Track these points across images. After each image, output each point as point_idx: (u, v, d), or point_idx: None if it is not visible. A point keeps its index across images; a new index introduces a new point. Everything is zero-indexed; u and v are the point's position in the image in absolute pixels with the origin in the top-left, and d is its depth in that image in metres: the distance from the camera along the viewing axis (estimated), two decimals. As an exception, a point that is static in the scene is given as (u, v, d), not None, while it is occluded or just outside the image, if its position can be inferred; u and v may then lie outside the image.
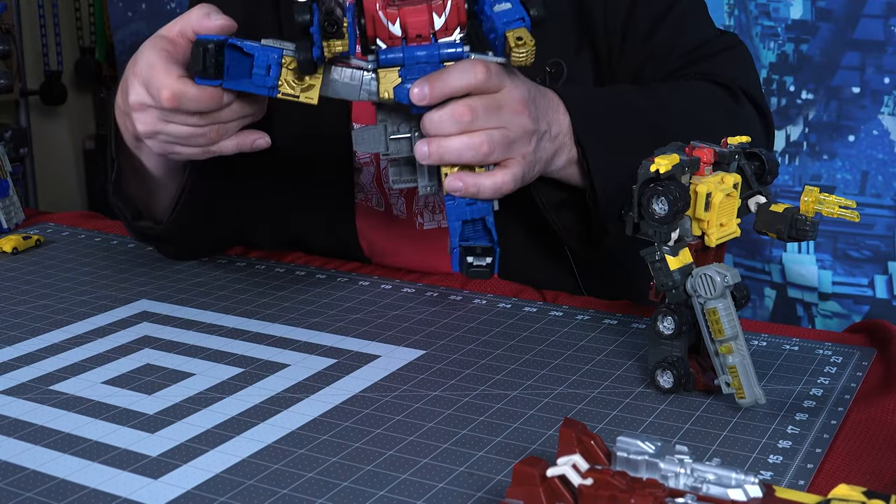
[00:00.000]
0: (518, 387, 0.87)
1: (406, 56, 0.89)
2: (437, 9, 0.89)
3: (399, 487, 0.71)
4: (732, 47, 1.19)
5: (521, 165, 0.93)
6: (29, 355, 0.95)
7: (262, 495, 0.70)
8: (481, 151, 0.89)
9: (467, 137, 0.89)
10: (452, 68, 0.89)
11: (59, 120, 3.46)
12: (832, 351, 0.93)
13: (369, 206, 1.20)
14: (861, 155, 1.66)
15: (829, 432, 0.77)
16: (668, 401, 0.83)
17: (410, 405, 0.84)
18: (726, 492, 0.58)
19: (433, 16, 0.89)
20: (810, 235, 0.82)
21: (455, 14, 0.89)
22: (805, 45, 1.68)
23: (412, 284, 1.13)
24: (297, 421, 0.81)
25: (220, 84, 0.92)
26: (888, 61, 1.62)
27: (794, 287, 1.75)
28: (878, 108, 1.64)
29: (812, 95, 1.69)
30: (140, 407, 0.84)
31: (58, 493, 0.71)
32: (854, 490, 0.56)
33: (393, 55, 0.89)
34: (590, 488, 0.57)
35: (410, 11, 0.89)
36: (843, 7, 1.64)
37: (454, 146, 0.89)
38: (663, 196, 0.79)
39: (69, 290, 1.14)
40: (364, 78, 0.91)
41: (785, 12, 1.69)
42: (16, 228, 1.41)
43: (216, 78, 0.91)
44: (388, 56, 0.89)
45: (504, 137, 0.91)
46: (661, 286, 0.82)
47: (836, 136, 1.68)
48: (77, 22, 3.42)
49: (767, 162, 0.85)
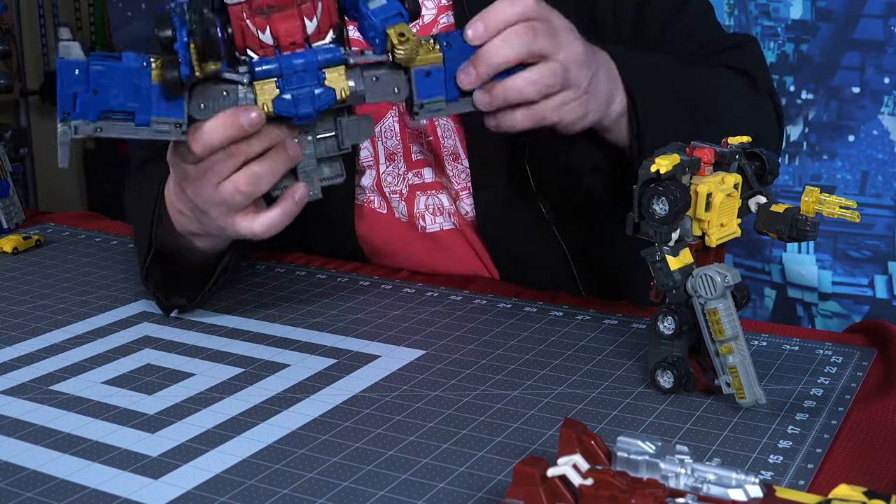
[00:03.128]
0: (518, 387, 0.87)
1: (283, 65, 0.84)
2: (307, 12, 0.84)
3: (399, 487, 0.71)
4: (745, 44, 1.19)
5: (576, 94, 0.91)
6: (29, 355, 0.95)
7: (262, 495, 0.70)
8: (544, 83, 0.88)
9: (528, 73, 0.87)
10: (499, 2, 0.87)
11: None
12: (832, 351, 0.93)
13: (371, 209, 1.20)
14: (861, 155, 1.66)
15: (830, 432, 0.77)
16: (669, 401, 0.83)
17: (411, 405, 0.84)
18: (727, 492, 0.58)
19: (304, 20, 0.84)
20: (811, 236, 0.82)
21: (326, 16, 0.85)
22: (805, 45, 1.68)
23: (412, 284, 1.13)
24: (298, 421, 0.81)
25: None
26: (888, 61, 1.62)
27: (794, 287, 1.75)
28: (878, 108, 1.64)
29: (812, 95, 1.69)
30: (140, 407, 0.84)
31: (58, 494, 0.71)
32: (854, 490, 0.56)
33: (268, 66, 0.84)
34: (590, 488, 0.57)
35: (281, 18, 0.84)
36: (843, 7, 1.64)
37: (516, 84, 0.87)
38: (664, 196, 0.79)
39: (69, 290, 1.14)
40: (239, 92, 0.85)
41: (785, 12, 1.69)
42: (16, 228, 1.41)
43: None
44: (263, 67, 0.84)
45: (563, 68, 0.89)
46: (661, 286, 0.82)
47: (836, 136, 1.68)
48: (77, 22, 3.42)
49: (768, 162, 0.85)
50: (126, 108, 0.84)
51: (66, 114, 0.83)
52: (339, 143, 0.90)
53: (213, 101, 0.85)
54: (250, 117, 0.84)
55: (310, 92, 0.85)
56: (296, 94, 0.85)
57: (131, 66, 0.83)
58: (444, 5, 1.13)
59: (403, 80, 0.87)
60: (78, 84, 0.82)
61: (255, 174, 0.88)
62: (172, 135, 0.85)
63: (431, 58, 0.87)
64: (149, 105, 0.84)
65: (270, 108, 0.85)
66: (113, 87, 0.83)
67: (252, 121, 0.85)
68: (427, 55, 0.87)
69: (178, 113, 0.84)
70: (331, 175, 0.92)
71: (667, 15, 1.15)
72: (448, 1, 1.12)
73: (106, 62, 0.83)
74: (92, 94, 0.83)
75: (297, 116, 0.86)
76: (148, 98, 0.84)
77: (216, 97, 0.85)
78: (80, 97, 0.83)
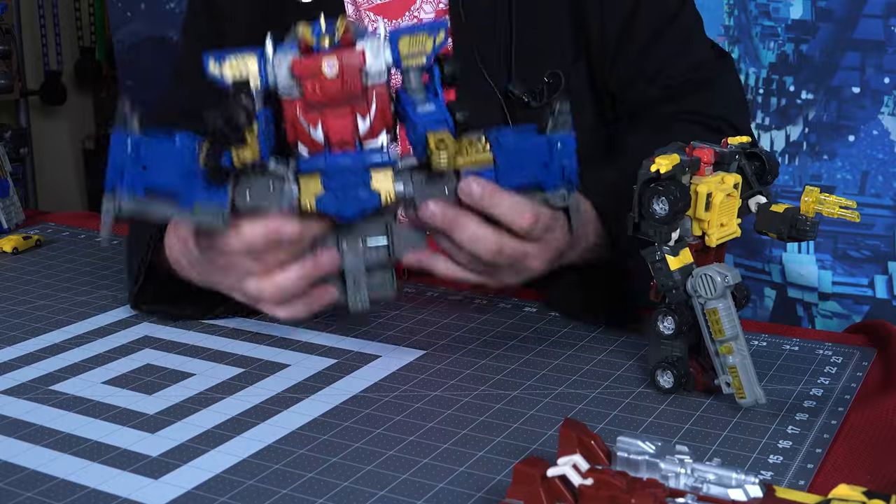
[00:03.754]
0: (518, 387, 0.87)
1: (328, 164, 0.83)
2: (360, 111, 0.82)
3: (399, 487, 0.71)
4: (722, 73, 1.16)
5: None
6: (29, 355, 0.95)
7: (262, 495, 0.70)
8: (474, 274, 0.88)
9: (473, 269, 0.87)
10: (507, 198, 0.84)
11: (59, 120, 3.46)
12: (832, 351, 0.93)
13: None
14: (861, 155, 1.66)
15: (830, 432, 0.77)
16: (669, 401, 0.83)
17: (411, 405, 0.84)
18: (727, 492, 0.58)
19: (357, 119, 0.83)
20: (810, 236, 0.82)
21: (381, 116, 0.83)
22: (805, 45, 1.68)
23: (412, 284, 1.13)
24: (298, 421, 0.81)
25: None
26: (888, 61, 1.62)
27: (794, 287, 1.74)
28: (878, 108, 1.63)
29: (812, 95, 1.69)
30: (140, 407, 0.84)
31: (58, 494, 0.71)
32: (854, 490, 0.56)
33: (314, 163, 0.83)
34: (590, 488, 0.57)
35: (333, 115, 0.82)
36: (843, 7, 1.64)
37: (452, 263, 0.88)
38: (664, 196, 0.79)
39: (69, 290, 1.14)
40: (284, 187, 0.84)
41: (785, 12, 1.69)
42: (16, 228, 1.41)
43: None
44: (309, 164, 0.83)
45: (506, 274, 0.89)
46: (661, 286, 0.82)
47: (836, 136, 1.68)
48: (77, 22, 3.43)
49: (768, 162, 0.85)
50: (172, 187, 0.82)
51: (114, 186, 0.82)
52: (390, 252, 0.88)
53: (258, 193, 0.84)
54: (291, 232, 0.83)
55: (354, 193, 0.84)
56: (340, 194, 0.84)
57: (181, 146, 0.82)
58: (441, 10, 1.13)
59: (453, 182, 0.85)
60: (128, 158, 0.81)
61: (281, 289, 0.87)
62: (215, 221, 0.83)
63: (481, 158, 0.84)
64: (194, 188, 0.82)
65: (313, 204, 0.84)
66: (161, 165, 0.81)
67: (291, 237, 0.84)
68: (476, 156, 0.84)
69: (222, 200, 0.83)
70: (380, 286, 0.89)
71: (657, 27, 1.13)
72: (446, 6, 1.13)
73: (157, 140, 0.82)
74: (141, 169, 0.81)
75: (340, 216, 0.85)
76: (194, 181, 0.82)
77: (261, 188, 0.84)
78: (128, 171, 0.81)
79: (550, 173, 0.84)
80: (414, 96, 0.85)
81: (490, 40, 1.11)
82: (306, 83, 0.81)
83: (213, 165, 0.79)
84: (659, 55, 1.13)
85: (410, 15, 1.14)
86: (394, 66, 0.83)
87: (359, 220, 0.86)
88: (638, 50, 1.13)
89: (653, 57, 1.13)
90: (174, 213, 0.83)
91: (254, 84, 0.82)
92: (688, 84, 1.13)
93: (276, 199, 0.84)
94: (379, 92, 0.83)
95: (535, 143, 0.84)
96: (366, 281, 0.88)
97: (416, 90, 0.85)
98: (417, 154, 0.84)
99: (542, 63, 1.10)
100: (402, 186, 0.85)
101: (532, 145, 0.84)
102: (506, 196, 0.84)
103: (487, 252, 0.85)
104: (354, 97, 0.82)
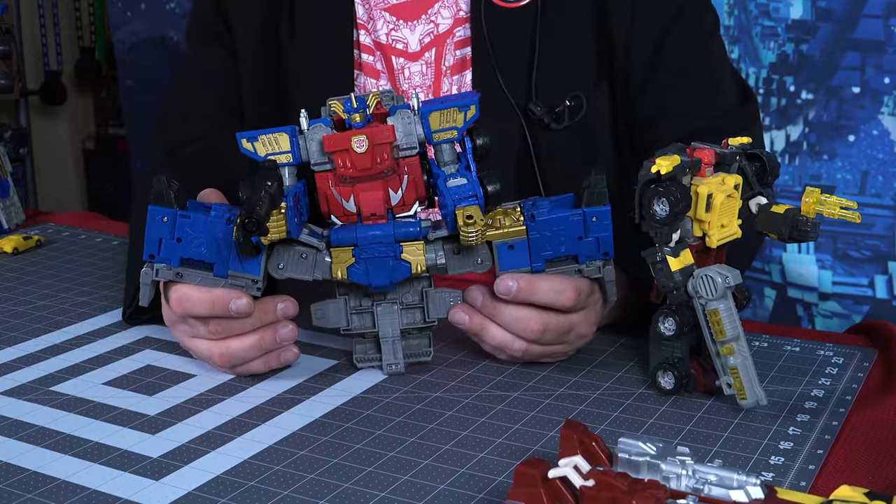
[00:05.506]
0: (519, 388, 0.87)
1: (359, 236, 0.85)
2: (392, 185, 0.85)
3: (400, 489, 0.71)
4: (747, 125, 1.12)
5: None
6: (29, 356, 0.95)
7: (263, 496, 0.70)
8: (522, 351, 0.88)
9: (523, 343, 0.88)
10: (544, 284, 0.85)
11: (59, 120, 3.46)
12: (833, 352, 0.93)
13: None
14: (861, 155, 1.66)
15: (831, 433, 0.77)
16: (670, 402, 0.83)
17: (411, 406, 0.84)
18: (728, 493, 0.58)
19: (389, 192, 0.85)
20: (811, 236, 0.82)
21: (412, 188, 0.85)
22: (805, 45, 1.68)
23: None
24: (298, 422, 0.81)
25: None
26: (888, 61, 1.62)
27: (794, 287, 1.74)
28: (878, 108, 1.63)
29: (812, 95, 1.69)
30: (141, 408, 0.84)
31: (59, 495, 0.71)
32: (856, 491, 0.56)
33: (346, 235, 0.85)
34: (591, 489, 0.57)
35: (364, 188, 0.84)
36: (843, 7, 1.64)
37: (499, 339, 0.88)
38: (664, 197, 0.79)
39: (69, 290, 1.14)
40: (317, 257, 0.86)
41: (785, 12, 1.69)
42: (16, 229, 1.41)
43: None
44: (340, 236, 0.85)
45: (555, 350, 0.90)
46: (662, 287, 0.82)
47: (836, 136, 1.68)
48: (77, 22, 3.42)
49: (768, 163, 0.85)
50: (206, 258, 0.85)
51: (152, 256, 0.85)
52: (424, 315, 0.89)
53: (291, 263, 0.86)
54: (239, 305, 0.85)
55: (385, 263, 0.85)
56: (370, 265, 0.85)
57: (215, 220, 0.85)
58: (461, 18, 1.12)
59: (486, 252, 0.86)
60: (164, 230, 0.85)
61: (232, 355, 0.88)
62: (248, 290, 0.85)
63: (514, 232, 0.86)
64: (227, 258, 0.85)
65: (345, 274, 0.86)
66: (196, 237, 0.85)
67: (240, 309, 0.85)
68: (511, 228, 0.86)
69: (255, 270, 0.86)
70: (416, 350, 0.90)
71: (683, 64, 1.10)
72: (466, 14, 1.11)
73: (193, 213, 0.85)
74: (176, 241, 0.85)
75: (372, 286, 0.86)
76: (228, 252, 0.85)
77: (294, 259, 0.86)
78: (164, 242, 0.84)
79: (585, 246, 0.85)
80: (445, 169, 0.86)
81: (511, 55, 1.08)
82: (337, 158, 0.83)
83: (243, 240, 0.80)
84: (684, 93, 1.10)
85: (427, 19, 1.12)
86: (425, 140, 0.85)
87: (390, 289, 0.87)
88: (662, 86, 1.10)
89: (677, 95, 1.10)
90: (208, 282, 0.85)
91: (286, 159, 0.84)
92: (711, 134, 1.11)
93: (308, 270, 0.86)
94: (411, 165, 0.85)
95: (570, 216, 0.85)
96: (402, 345, 0.89)
97: (447, 163, 0.86)
98: (449, 226, 0.84)
99: (563, 82, 1.07)
100: (433, 257, 0.86)
101: (567, 218, 0.85)
102: (543, 282, 0.85)
103: (531, 332, 0.86)
104: (385, 172, 0.84)
